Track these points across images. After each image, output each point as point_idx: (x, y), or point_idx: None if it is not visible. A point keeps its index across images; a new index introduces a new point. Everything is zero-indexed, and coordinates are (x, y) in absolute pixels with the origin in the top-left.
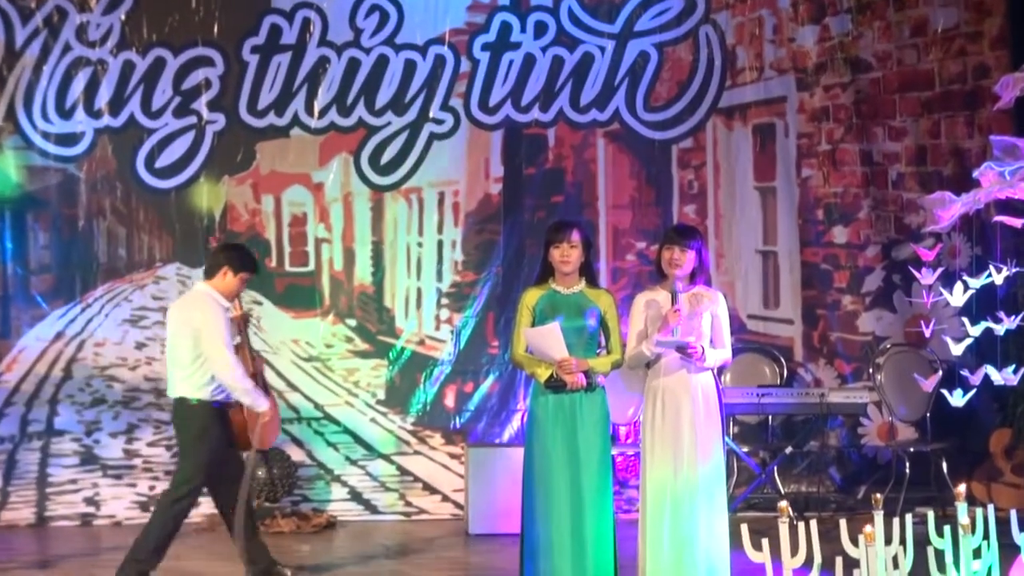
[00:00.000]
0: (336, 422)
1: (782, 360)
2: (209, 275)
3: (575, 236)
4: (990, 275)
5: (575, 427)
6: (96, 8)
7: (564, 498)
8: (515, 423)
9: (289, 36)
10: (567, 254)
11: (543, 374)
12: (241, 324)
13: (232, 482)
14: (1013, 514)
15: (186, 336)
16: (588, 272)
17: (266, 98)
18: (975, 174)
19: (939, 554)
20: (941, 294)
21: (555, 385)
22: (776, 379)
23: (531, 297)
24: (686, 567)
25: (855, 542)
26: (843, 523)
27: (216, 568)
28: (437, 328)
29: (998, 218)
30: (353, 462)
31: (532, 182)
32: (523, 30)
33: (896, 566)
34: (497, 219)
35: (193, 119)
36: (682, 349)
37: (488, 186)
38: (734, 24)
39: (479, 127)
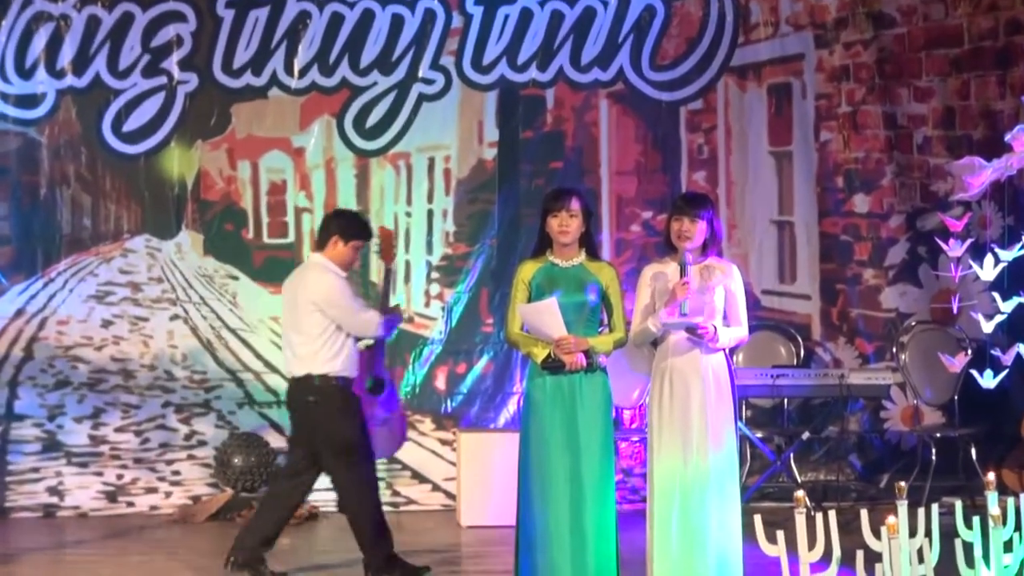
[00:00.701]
0: None
1: (799, 339)
2: (320, 245)
3: (574, 204)
4: (1023, 247)
5: (575, 411)
6: None
7: (563, 487)
8: (511, 407)
9: None
10: (566, 224)
11: (540, 354)
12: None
13: (294, 476)
14: None
15: (309, 312)
16: (589, 244)
17: (242, 56)
18: (1007, 138)
19: (967, 547)
20: (970, 267)
21: (553, 366)
22: (792, 359)
23: (527, 271)
24: (696, 561)
25: (877, 534)
26: (864, 514)
27: (189, 562)
28: (427, 305)
29: None
30: None
31: (529, 147)
32: None
33: (921, 560)
34: (491, 187)
35: (163, 79)
36: (692, 330)
37: (482, 151)
38: None
39: (472, 87)
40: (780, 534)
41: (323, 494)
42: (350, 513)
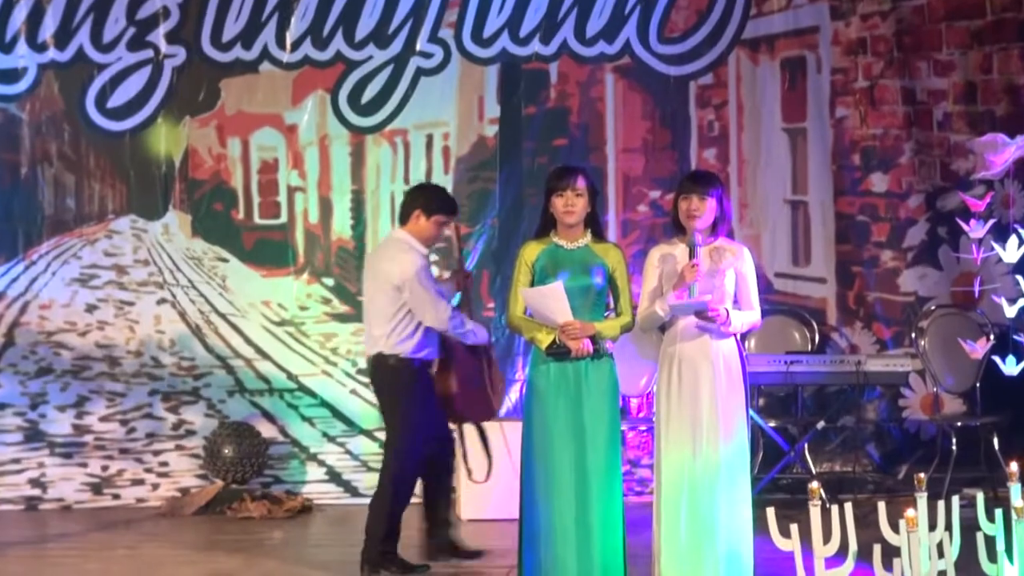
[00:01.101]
0: (312, 394)
1: (813, 324)
2: (403, 220)
3: (580, 183)
4: None
5: (580, 399)
6: None
7: (568, 479)
8: (513, 395)
9: None
10: (572, 203)
11: (544, 339)
12: (461, 283)
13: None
14: None
15: (384, 289)
16: (594, 224)
17: (232, 29)
18: None
19: (989, 540)
20: (992, 249)
21: (558, 352)
22: (807, 345)
23: (530, 252)
24: (706, 556)
25: (895, 528)
26: (882, 507)
27: (177, 556)
28: None
29: None
30: (331, 439)
31: (532, 124)
32: None
33: (941, 554)
34: (492, 165)
35: (149, 53)
36: (702, 313)
37: (482, 128)
38: None
39: (472, 62)
40: (794, 528)
41: (316, 486)
42: (375, 496)
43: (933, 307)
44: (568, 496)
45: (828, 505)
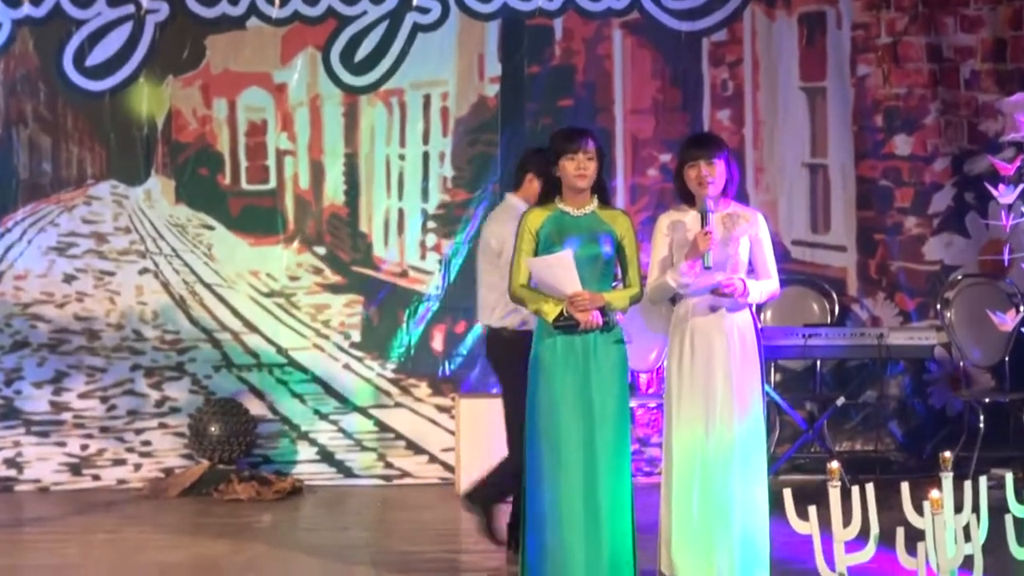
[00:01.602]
0: (303, 369)
1: (833, 294)
2: (516, 185)
3: (591, 145)
4: None
5: (588, 374)
6: None
7: (575, 459)
8: None
9: None
10: (584, 166)
11: (551, 312)
12: None
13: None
14: None
15: (489, 257)
16: (601, 190)
17: None
18: None
19: (1019, 523)
20: (1023, 215)
21: (565, 324)
22: (826, 317)
23: (534, 219)
24: (719, 540)
25: (919, 510)
26: (905, 488)
27: (160, 540)
28: (423, 257)
29: None
30: (323, 416)
31: (535, 83)
32: None
33: (968, 538)
34: (493, 127)
35: (130, 8)
36: (717, 290)
37: (483, 88)
38: None
39: (472, 17)
40: (812, 510)
41: (307, 467)
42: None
43: (960, 277)
44: (576, 476)
45: (848, 486)
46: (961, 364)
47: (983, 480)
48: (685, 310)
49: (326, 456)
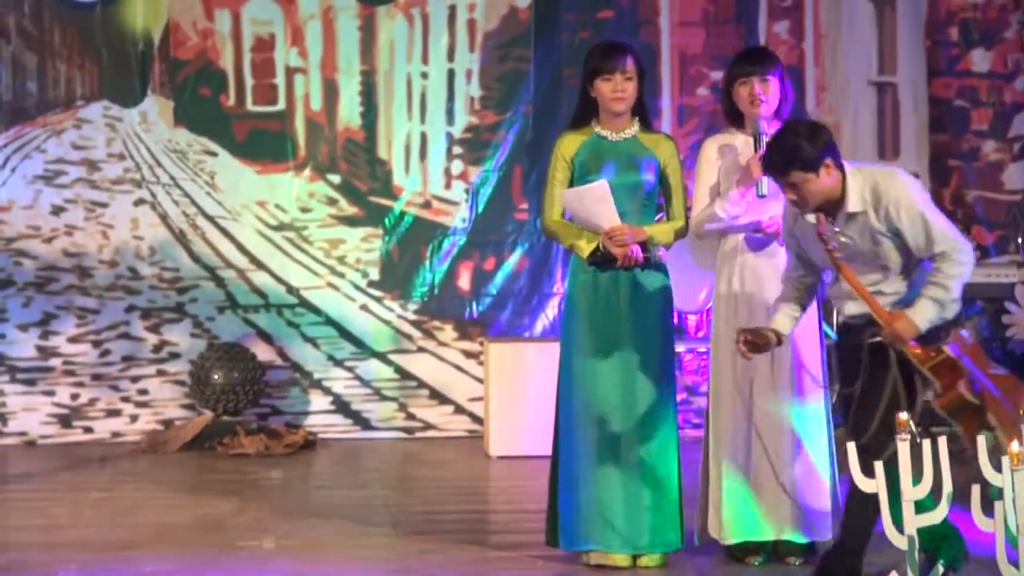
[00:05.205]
0: (316, 310)
1: None
2: None
3: (630, 64)
4: None
5: (628, 316)
6: None
7: (613, 409)
8: (549, 312)
9: None
10: (621, 88)
11: (586, 248)
12: None
13: None
14: None
15: None
16: (642, 112)
17: None
18: None
19: None
20: None
21: (602, 261)
22: None
23: (568, 146)
24: (776, 501)
25: (997, 466)
26: (981, 440)
27: (159, 499)
28: (447, 186)
29: None
30: (338, 363)
31: None
32: None
33: None
34: (526, 42)
35: None
36: (759, 229)
37: None
38: None
39: None
40: (878, 465)
41: (321, 417)
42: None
43: None
44: (613, 428)
45: (919, 439)
46: None
47: None
48: (733, 244)
49: (341, 406)
